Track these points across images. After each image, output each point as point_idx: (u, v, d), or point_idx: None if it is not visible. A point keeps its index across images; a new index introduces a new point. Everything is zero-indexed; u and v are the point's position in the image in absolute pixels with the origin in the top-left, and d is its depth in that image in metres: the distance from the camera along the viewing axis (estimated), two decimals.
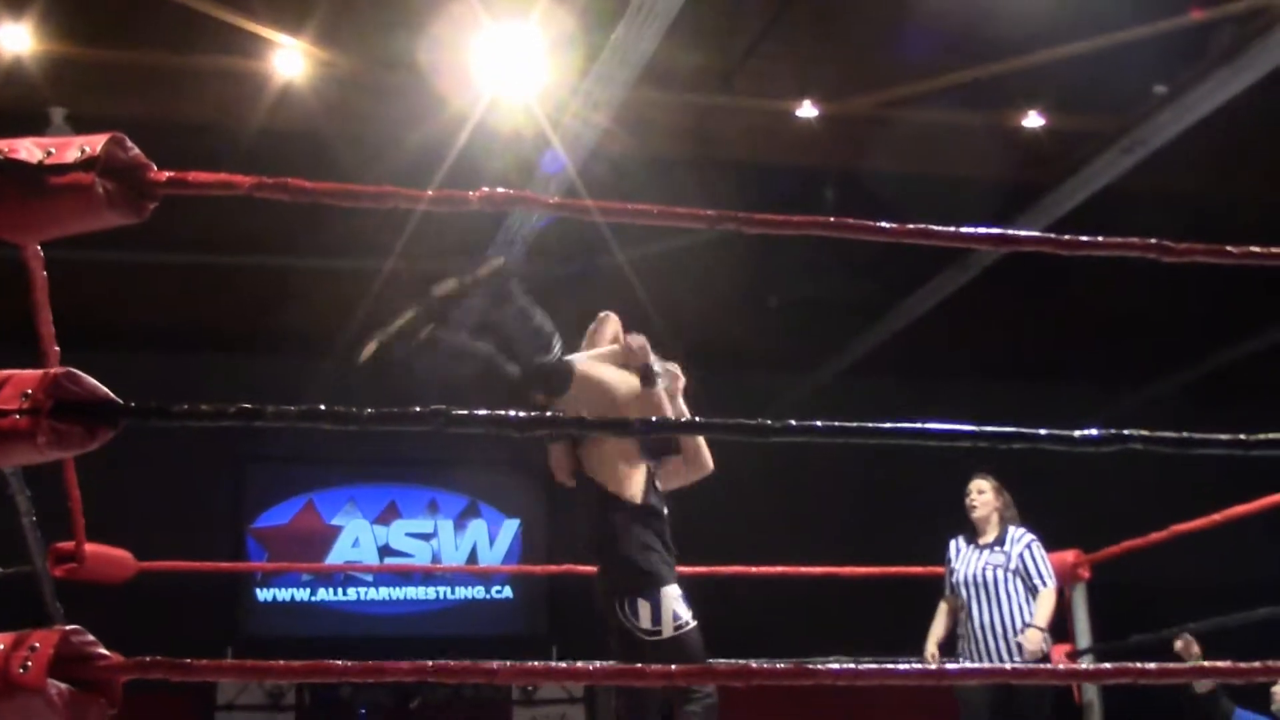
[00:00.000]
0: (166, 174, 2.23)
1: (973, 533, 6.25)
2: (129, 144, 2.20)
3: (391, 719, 10.70)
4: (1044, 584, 6.02)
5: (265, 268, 10.20)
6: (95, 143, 2.14)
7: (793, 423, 2.47)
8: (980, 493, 6.24)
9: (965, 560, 6.18)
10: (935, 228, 2.57)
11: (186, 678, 2.19)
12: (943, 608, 6.24)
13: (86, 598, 4.39)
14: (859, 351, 11.63)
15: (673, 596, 4.82)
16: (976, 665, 5.81)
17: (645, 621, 4.82)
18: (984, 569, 6.08)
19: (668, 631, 4.77)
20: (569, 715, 11.07)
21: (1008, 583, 6.03)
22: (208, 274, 10.30)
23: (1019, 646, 5.88)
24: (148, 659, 2.16)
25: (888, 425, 2.49)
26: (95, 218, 2.17)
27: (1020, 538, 6.13)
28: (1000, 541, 6.15)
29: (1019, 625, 5.96)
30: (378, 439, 9.43)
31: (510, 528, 11.77)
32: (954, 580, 6.19)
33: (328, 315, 10.63)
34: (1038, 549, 6.11)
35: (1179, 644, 6.06)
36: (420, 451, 11.11)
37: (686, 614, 4.83)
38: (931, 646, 6.18)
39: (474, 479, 11.75)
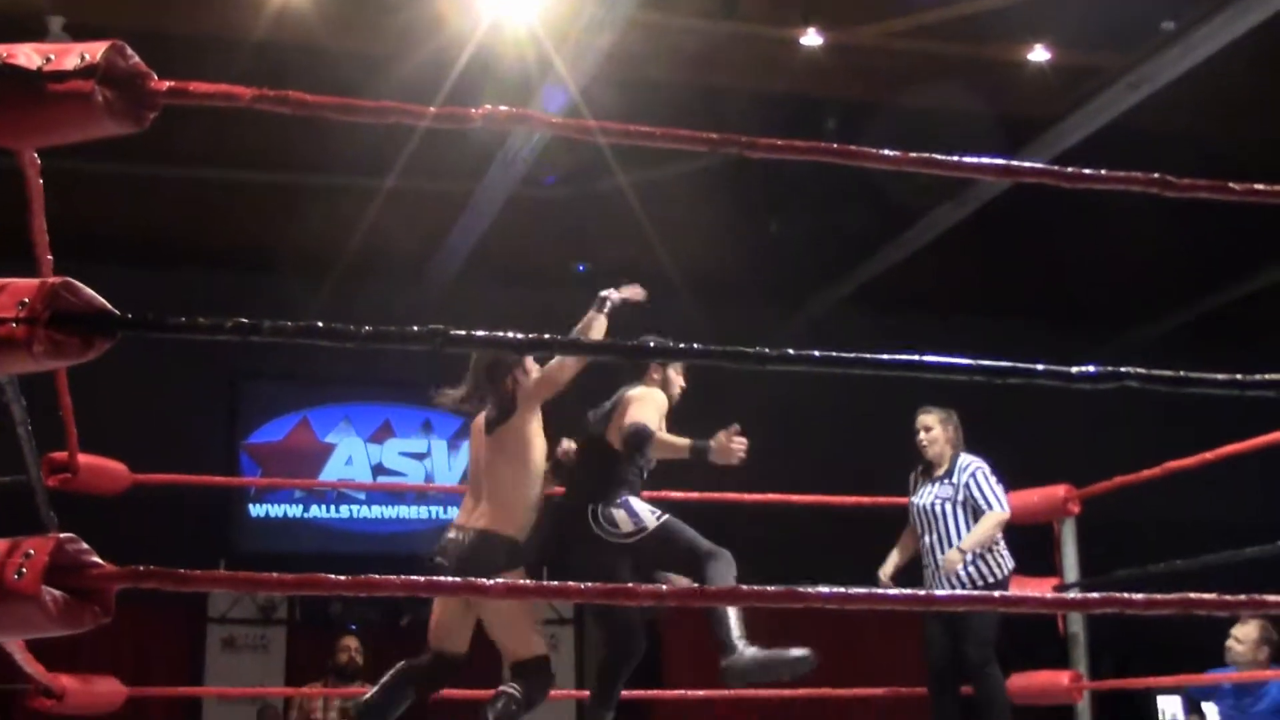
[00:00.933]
0: (167, 83, 2.21)
1: (927, 465, 6.26)
2: (129, 52, 2.18)
3: (380, 636, 10.77)
4: (989, 507, 6.02)
5: (264, 183, 10.15)
6: (95, 50, 2.12)
7: (790, 351, 2.47)
8: (927, 430, 6.21)
9: (920, 493, 6.21)
10: (938, 156, 2.57)
11: (179, 588, 2.21)
12: (902, 544, 6.27)
13: (80, 509, 4.40)
14: (857, 283, 11.63)
15: (638, 500, 5.01)
16: (965, 593, 5.86)
17: (625, 524, 4.94)
18: (934, 502, 6.11)
19: (651, 523, 4.90)
20: (558, 636, 11.15)
21: (954, 514, 6.06)
22: (206, 188, 10.25)
23: (938, 569, 5.98)
24: (141, 568, 2.17)
25: (884, 357, 2.49)
26: (94, 126, 2.16)
27: (966, 466, 6.12)
28: (950, 473, 6.16)
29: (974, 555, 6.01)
30: (373, 358, 9.46)
31: None
32: (911, 513, 6.24)
33: (327, 233, 10.61)
34: (983, 476, 6.10)
35: None
36: (416, 372, 11.11)
37: (657, 510, 5.00)
38: (887, 569, 6.19)
39: None
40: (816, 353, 2.46)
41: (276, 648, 10.71)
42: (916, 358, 2.49)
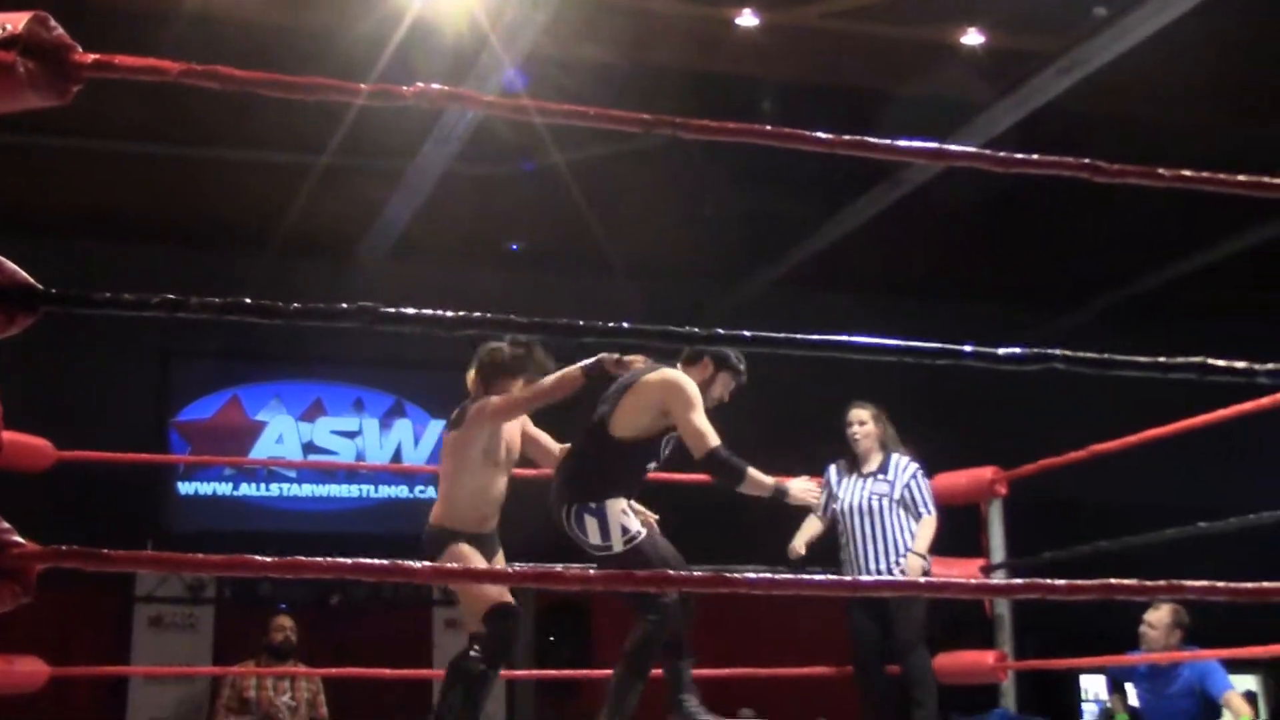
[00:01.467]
0: (92, 56, 2.18)
1: (853, 459, 6.28)
2: (53, 23, 2.14)
3: (311, 616, 10.72)
4: (927, 511, 6.11)
5: (197, 159, 10.03)
6: (17, 21, 2.09)
7: (719, 331, 2.48)
8: (861, 424, 6.25)
9: (847, 489, 6.21)
10: (871, 139, 2.58)
11: (102, 568, 2.18)
12: (812, 521, 6.22)
13: (2, 486, 4.34)
14: (791, 264, 11.67)
15: (618, 509, 4.77)
16: (891, 579, 5.92)
17: (593, 536, 4.77)
18: (869, 498, 6.13)
19: (618, 546, 4.72)
20: None
21: (892, 511, 6.10)
22: (138, 163, 10.11)
23: (902, 572, 5.99)
24: (63, 548, 2.14)
25: (814, 337, 2.50)
26: (15, 98, 2.13)
27: (905, 467, 6.17)
28: (884, 469, 6.19)
29: (902, 551, 6.05)
30: (305, 336, 9.40)
31: (436, 428, 11.75)
32: (834, 507, 6.21)
33: (261, 210, 10.51)
34: (923, 478, 6.18)
35: None
36: (347, 350, 11.05)
37: (635, 524, 4.78)
38: (800, 541, 6.17)
39: (401, 379, 11.72)
40: (748, 333, 2.47)
41: (205, 627, 10.62)
42: (846, 338, 2.51)
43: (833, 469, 6.35)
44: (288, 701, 7.57)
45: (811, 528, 6.20)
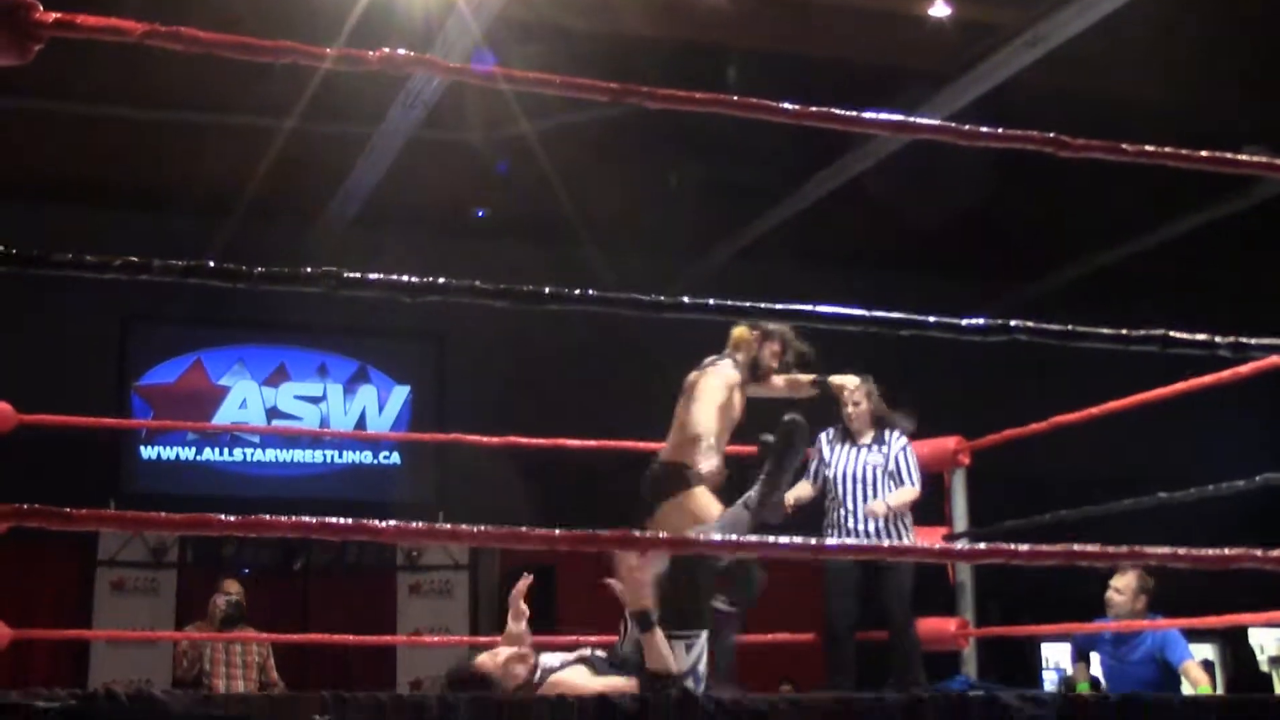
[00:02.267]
0: (53, 15, 2.16)
1: (844, 430, 6.44)
2: None
3: (274, 580, 10.71)
4: (912, 484, 6.31)
5: (163, 122, 9.94)
6: None
7: (685, 300, 2.49)
8: (856, 404, 6.39)
9: (841, 457, 6.39)
10: (837, 110, 2.58)
11: (65, 527, 2.18)
12: (803, 485, 6.37)
13: None
14: (755, 234, 11.67)
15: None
16: (857, 544, 6.00)
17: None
18: (863, 467, 6.33)
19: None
20: (453, 581, 11.16)
21: (884, 482, 6.31)
22: (104, 125, 10.01)
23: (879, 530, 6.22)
24: (25, 506, 2.14)
25: (780, 306, 2.51)
26: None
27: (897, 439, 6.39)
28: (880, 441, 6.40)
29: (892, 519, 6.26)
30: (268, 301, 9.35)
31: (400, 394, 11.74)
32: (827, 474, 6.38)
33: (226, 174, 10.43)
34: (912, 453, 6.40)
35: None
36: (311, 315, 11.01)
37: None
38: (790, 497, 6.26)
39: (365, 344, 11.69)
40: (711, 301, 2.48)
41: (167, 591, 10.59)
42: (811, 308, 2.52)
43: (824, 437, 6.49)
44: (239, 665, 7.54)
45: (801, 490, 6.32)
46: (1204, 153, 2.72)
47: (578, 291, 2.46)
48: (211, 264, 2.26)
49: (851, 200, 10.74)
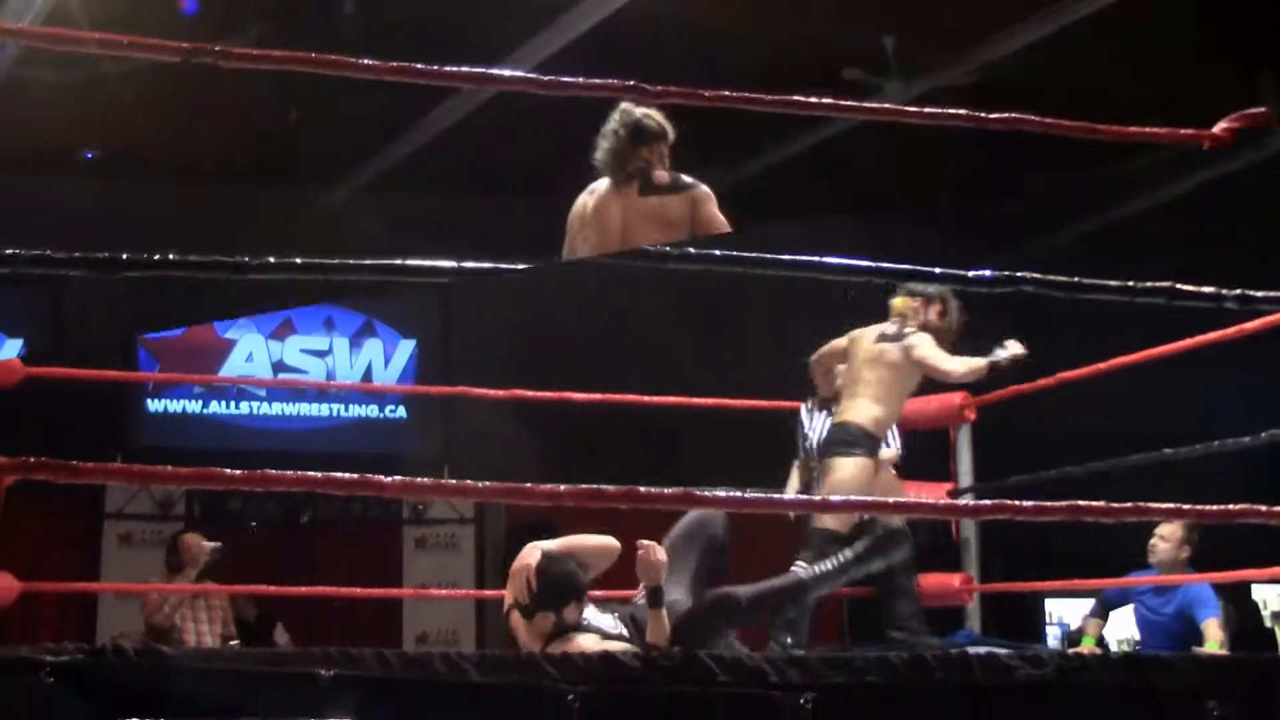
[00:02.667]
0: None
1: (824, 401, 6.30)
2: None
3: (280, 533, 10.75)
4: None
5: None
6: None
7: (691, 250, 2.48)
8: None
9: (820, 429, 6.22)
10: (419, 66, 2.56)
11: (72, 479, 2.18)
12: (796, 468, 6.31)
13: None
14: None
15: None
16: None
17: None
18: None
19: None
20: (459, 535, 11.19)
21: None
22: None
23: None
24: (32, 459, 2.14)
25: (786, 258, 2.50)
26: None
27: None
28: None
29: None
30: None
31: (406, 348, 11.74)
32: (808, 446, 6.25)
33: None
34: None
35: None
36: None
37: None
38: (790, 490, 6.22)
39: (371, 298, 11.67)
40: (718, 251, 2.47)
41: None
42: (819, 259, 2.51)
43: (804, 407, 6.40)
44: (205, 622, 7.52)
45: (797, 481, 6.25)
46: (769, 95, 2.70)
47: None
48: (218, 258, 2.25)
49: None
